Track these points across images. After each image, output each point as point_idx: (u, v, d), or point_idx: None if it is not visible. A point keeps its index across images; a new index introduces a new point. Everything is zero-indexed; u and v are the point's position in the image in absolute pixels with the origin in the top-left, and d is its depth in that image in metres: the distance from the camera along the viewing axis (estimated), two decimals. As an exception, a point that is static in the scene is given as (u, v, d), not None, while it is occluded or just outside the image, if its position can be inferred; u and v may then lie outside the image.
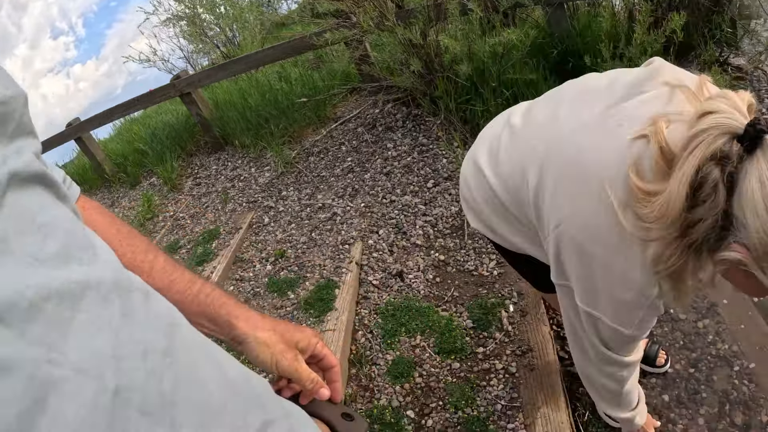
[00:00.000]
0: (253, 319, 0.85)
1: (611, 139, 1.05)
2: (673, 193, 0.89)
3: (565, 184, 1.14)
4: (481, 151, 1.49)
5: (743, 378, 2.16)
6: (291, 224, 3.81)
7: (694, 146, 0.87)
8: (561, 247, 1.18)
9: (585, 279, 1.17)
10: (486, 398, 2.23)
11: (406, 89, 4.21)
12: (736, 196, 0.86)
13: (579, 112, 1.17)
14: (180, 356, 0.48)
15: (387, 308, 2.75)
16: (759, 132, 0.83)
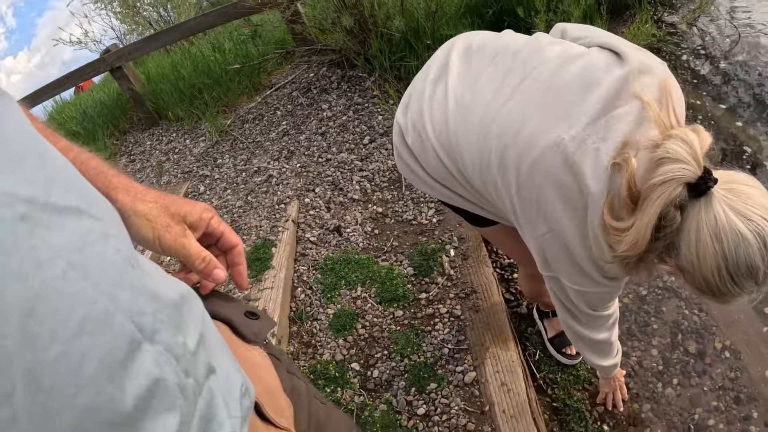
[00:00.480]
0: (134, 190, 0.73)
1: (593, 164, 1.15)
2: (641, 232, 1.07)
3: (553, 205, 1.23)
4: (428, 126, 1.46)
5: (693, 308, 2.20)
6: (227, 190, 3.72)
7: (656, 196, 1.04)
8: (547, 250, 1.32)
9: (573, 273, 1.31)
10: (432, 343, 2.22)
11: (341, 50, 4.15)
12: (679, 229, 1.07)
13: (552, 124, 1.21)
14: None
15: (326, 263, 2.71)
16: (707, 186, 1.02)
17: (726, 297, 1.09)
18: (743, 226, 1.00)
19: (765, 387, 1.96)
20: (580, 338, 1.58)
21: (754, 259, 1.01)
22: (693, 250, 1.05)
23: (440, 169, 1.47)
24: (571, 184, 1.17)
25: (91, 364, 0.38)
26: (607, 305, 1.47)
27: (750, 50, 3.56)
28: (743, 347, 2.08)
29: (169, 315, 0.49)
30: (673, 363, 2.08)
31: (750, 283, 1.04)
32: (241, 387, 0.62)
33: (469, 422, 1.95)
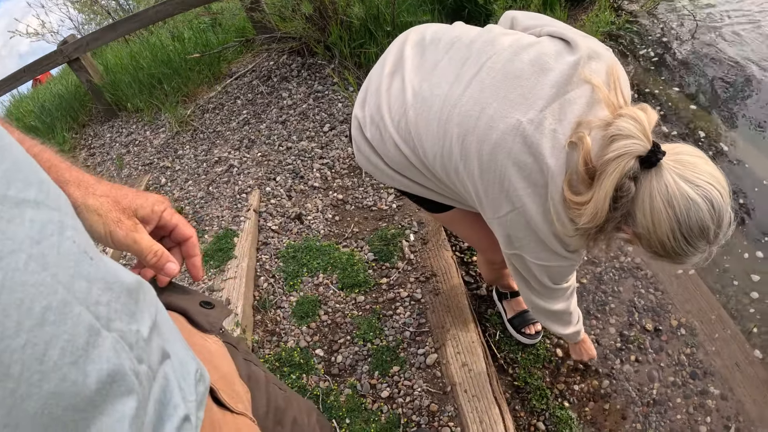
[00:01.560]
0: (86, 184, 0.73)
1: (551, 144, 1.21)
2: (599, 204, 1.14)
3: (515, 183, 1.27)
4: (386, 118, 1.48)
5: (649, 287, 2.25)
6: (188, 181, 3.67)
7: (612, 170, 1.12)
8: (511, 229, 1.36)
9: (536, 248, 1.37)
10: (394, 327, 2.23)
11: (301, 38, 4.12)
12: (634, 198, 1.15)
13: (510, 109, 1.25)
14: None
15: (288, 251, 2.70)
16: (657, 158, 1.10)
17: (681, 257, 1.17)
18: (692, 191, 1.09)
19: (720, 362, 2.02)
20: (541, 311, 1.64)
21: (705, 220, 1.10)
22: (648, 216, 1.14)
23: (400, 159, 1.49)
24: (532, 164, 1.23)
25: (54, 352, 0.39)
26: (567, 278, 1.53)
27: (707, 37, 3.63)
28: (698, 324, 2.14)
29: (123, 304, 0.50)
30: (630, 340, 2.13)
31: (702, 242, 1.14)
32: (196, 372, 0.63)
33: (432, 403, 1.97)
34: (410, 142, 1.44)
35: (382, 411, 1.99)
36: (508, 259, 1.50)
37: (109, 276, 0.49)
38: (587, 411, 1.97)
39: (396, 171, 1.55)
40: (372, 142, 1.53)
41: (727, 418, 1.88)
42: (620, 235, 1.26)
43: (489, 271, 2.09)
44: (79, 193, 0.71)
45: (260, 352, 2.28)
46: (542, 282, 1.48)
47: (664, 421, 1.91)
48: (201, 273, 0.86)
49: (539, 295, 1.57)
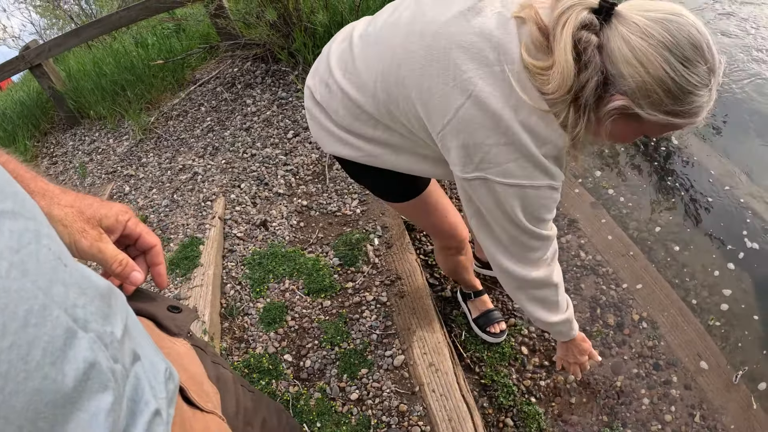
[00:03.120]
0: (50, 194, 0.74)
1: (497, 20, 1.15)
2: (562, 62, 1.06)
3: (462, 66, 1.16)
4: (335, 72, 1.46)
5: (610, 283, 2.29)
6: (152, 189, 3.63)
7: (564, 21, 1.06)
8: (469, 127, 1.19)
9: (504, 153, 1.18)
10: (360, 330, 2.24)
11: (265, 45, 4.11)
12: (607, 57, 1.07)
13: (448, 7, 1.22)
14: None
15: (253, 258, 2.69)
16: (611, 5, 1.06)
17: (690, 97, 1.05)
18: (662, 14, 1.03)
19: (682, 352, 2.07)
20: (516, 280, 1.44)
21: (690, 32, 1.02)
22: (633, 60, 1.04)
23: (349, 110, 1.43)
24: (478, 42, 1.15)
25: (37, 352, 0.41)
26: (546, 214, 1.32)
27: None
28: (659, 317, 2.19)
29: (97, 307, 0.52)
30: (593, 335, 2.17)
31: (701, 64, 1.03)
32: (165, 371, 0.64)
33: (401, 403, 1.98)
34: (354, 80, 1.39)
35: (352, 413, 2.00)
36: (469, 195, 1.31)
37: (83, 281, 0.51)
38: (554, 406, 2.01)
39: (347, 130, 1.47)
40: (321, 102, 1.49)
41: (691, 407, 1.93)
42: (613, 105, 1.10)
43: (445, 260, 2.03)
44: (44, 204, 0.72)
45: (229, 360, 2.27)
46: (515, 221, 1.28)
47: (630, 412, 1.95)
48: (166, 281, 0.87)
49: (511, 253, 1.38)
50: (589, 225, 2.59)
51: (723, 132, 2.96)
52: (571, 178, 2.86)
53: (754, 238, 2.41)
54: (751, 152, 2.81)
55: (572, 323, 1.65)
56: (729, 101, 3.10)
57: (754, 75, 3.26)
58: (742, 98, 3.11)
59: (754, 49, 3.48)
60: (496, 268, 1.45)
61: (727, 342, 2.11)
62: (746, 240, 2.41)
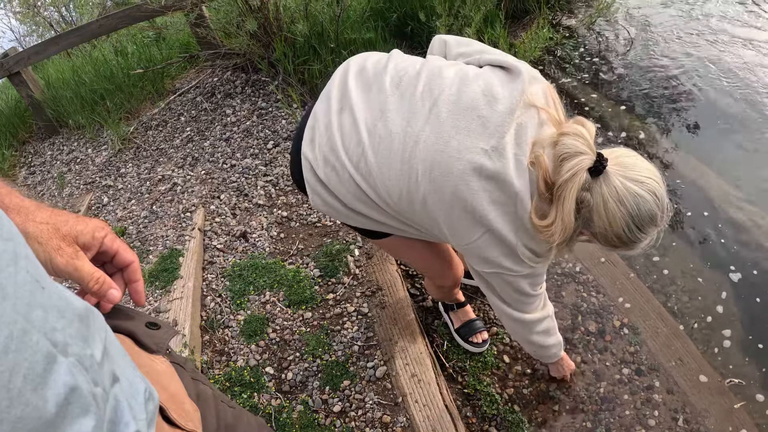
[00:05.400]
0: (26, 210, 0.73)
1: (515, 167, 1.33)
2: (566, 220, 1.29)
3: (485, 209, 1.36)
4: (344, 160, 1.48)
5: (590, 291, 2.30)
6: (131, 200, 3.59)
7: (569, 188, 1.27)
8: (485, 250, 1.44)
9: (511, 261, 1.45)
10: (342, 342, 2.23)
11: (245, 54, 4.10)
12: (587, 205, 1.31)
13: (473, 140, 1.35)
14: None
15: (233, 270, 2.67)
16: (603, 167, 1.26)
17: (635, 244, 1.34)
18: (638, 188, 1.27)
19: (663, 357, 2.08)
20: (522, 324, 1.69)
21: (653, 209, 1.28)
22: (604, 218, 1.29)
23: (360, 198, 1.51)
24: (499, 189, 1.34)
25: (18, 379, 0.40)
26: (543, 281, 1.64)
27: (643, 51, 3.76)
28: (640, 323, 2.20)
29: (77, 329, 0.51)
30: (575, 342, 2.18)
31: (652, 228, 1.31)
32: (145, 392, 0.64)
33: (384, 414, 1.97)
34: (372, 183, 1.46)
35: (335, 425, 1.99)
36: (485, 279, 1.57)
37: (61, 303, 0.50)
38: (537, 413, 2.01)
39: (354, 211, 1.57)
40: (328, 183, 1.53)
41: (674, 411, 1.95)
42: (581, 237, 1.42)
43: (438, 293, 2.15)
44: (19, 220, 0.71)
45: (210, 373, 2.24)
46: (523, 290, 1.56)
47: (614, 418, 1.96)
48: (144, 298, 0.86)
49: (516, 308, 1.64)
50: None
51: (698, 137, 2.99)
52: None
53: (733, 243, 2.43)
54: (724, 152, 2.84)
55: (561, 344, 1.89)
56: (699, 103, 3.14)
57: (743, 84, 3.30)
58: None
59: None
60: (506, 319, 1.70)
61: (708, 346, 2.12)
62: (725, 246, 2.43)
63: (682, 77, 3.42)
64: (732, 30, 3.75)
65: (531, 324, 1.69)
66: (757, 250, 2.37)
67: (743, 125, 2.98)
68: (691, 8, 4.12)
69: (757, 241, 2.41)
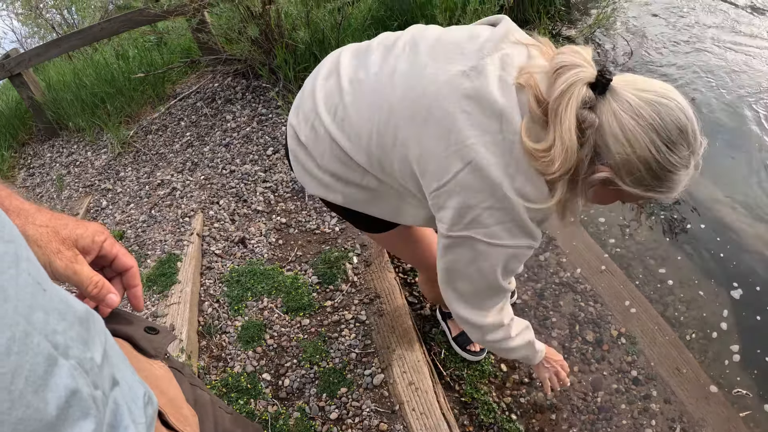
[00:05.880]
0: (25, 213, 0.73)
1: (499, 84, 1.15)
2: (567, 143, 1.07)
3: (464, 132, 1.16)
4: (323, 116, 1.40)
5: (588, 300, 2.30)
6: (129, 204, 3.59)
7: (567, 100, 1.07)
8: (464, 192, 1.19)
9: (494, 217, 1.20)
10: (340, 349, 2.23)
11: (246, 60, 4.11)
12: (597, 130, 1.09)
13: (449, 63, 1.21)
14: None
15: (231, 275, 2.67)
16: (607, 80, 1.08)
17: (670, 175, 1.11)
18: (653, 96, 1.07)
19: (661, 367, 2.08)
20: (473, 326, 1.46)
21: (678, 116, 1.06)
22: (621, 137, 1.07)
23: (337, 157, 1.39)
24: (481, 108, 1.15)
25: (20, 381, 0.40)
26: (518, 270, 1.48)
27: (641, 62, 3.78)
28: (638, 333, 2.20)
29: (78, 333, 0.52)
30: (572, 352, 2.18)
31: (684, 148, 1.08)
32: (144, 396, 0.64)
33: (381, 422, 1.97)
34: (347, 130, 1.35)
35: (331, 433, 1.99)
36: (447, 250, 1.31)
37: (62, 305, 0.51)
38: (534, 423, 2.01)
39: (331, 173, 1.43)
40: (306, 145, 1.45)
41: (671, 420, 1.95)
42: (597, 177, 1.14)
43: (431, 290, 2.06)
44: (19, 222, 0.71)
45: (206, 378, 2.24)
46: (489, 275, 1.30)
47: (611, 428, 1.96)
48: (142, 303, 0.86)
49: (472, 301, 1.41)
50: (567, 242, 2.60)
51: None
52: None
53: (731, 252, 2.44)
54: (723, 163, 2.85)
55: (531, 344, 1.65)
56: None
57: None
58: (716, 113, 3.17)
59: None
60: (456, 316, 1.48)
61: (706, 355, 2.13)
62: (722, 255, 2.43)
63: (682, 88, 3.43)
64: (730, 37, 3.77)
65: (484, 329, 1.46)
66: (757, 261, 2.39)
67: (743, 136, 3.00)
68: (681, 18, 4.16)
69: (758, 251, 2.42)
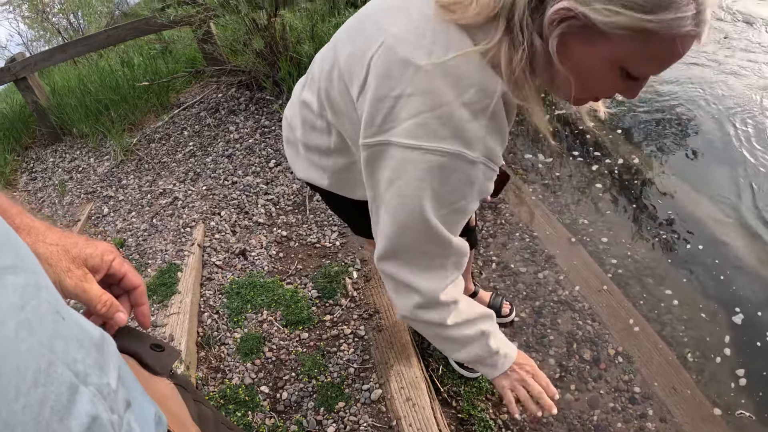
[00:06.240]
0: (36, 231, 0.73)
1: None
2: None
3: (380, 21, 1.01)
4: (298, 89, 1.40)
5: (586, 318, 2.30)
6: (131, 212, 3.61)
7: None
8: (378, 77, 0.98)
9: (416, 111, 0.93)
10: (338, 363, 2.24)
11: (250, 72, 4.14)
12: None
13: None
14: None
15: (231, 287, 2.68)
16: None
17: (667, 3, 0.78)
18: None
19: (658, 386, 2.09)
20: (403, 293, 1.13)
21: None
22: None
23: (305, 118, 1.31)
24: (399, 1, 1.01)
25: (46, 411, 0.41)
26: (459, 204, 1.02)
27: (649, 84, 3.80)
28: (635, 352, 2.21)
29: (95, 359, 0.52)
30: (570, 370, 2.18)
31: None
32: (155, 416, 0.65)
33: (377, 438, 1.98)
34: (314, 86, 1.25)
35: (328, 446, 1.99)
36: (366, 176, 1.07)
37: (79, 332, 0.52)
38: (531, 441, 2.01)
39: (306, 145, 1.35)
40: (289, 118, 1.42)
41: (668, 439, 1.95)
42: (554, 9, 0.83)
43: None
44: (30, 240, 0.71)
45: (204, 389, 2.25)
46: (411, 204, 0.99)
47: (607, 447, 1.96)
48: (149, 321, 0.88)
49: (395, 251, 1.08)
50: (565, 261, 2.61)
51: (699, 163, 3.02)
52: (549, 214, 2.89)
53: (729, 272, 2.45)
54: (723, 182, 2.87)
55: (488, 342, 1.23)
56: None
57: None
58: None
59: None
60: (380, 271, 1.16)
61: (702, 375, 2.13)
62: (721, 275, 2.44)
63: (684, 106, 3.46)
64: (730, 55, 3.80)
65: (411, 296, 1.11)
66: (756, 281, 2.40)
67: (744, 155, 3.01)
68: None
69: (757, 273, 2.43)
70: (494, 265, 2.66)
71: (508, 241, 2.77)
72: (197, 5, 3.84)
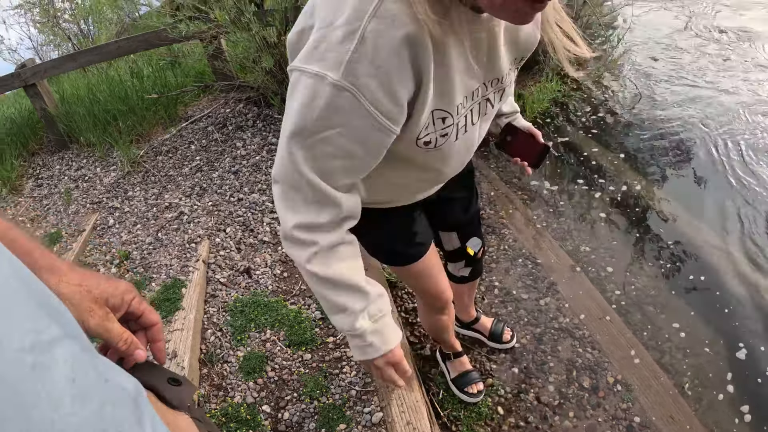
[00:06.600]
0: (59, 271, 0.76)
1: None
2: None
3: None
4: None
5: (586, 346, 2.32)
6: (136, 225, 3.63)
7: None
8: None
9: (317, 23, 0.91)
10: (340, 386, 2.25)
11: (259, 88, 4.16)
12: None
13: None
14: None
15: (235, 305, 2.69)
16: None
17: None
18: None
19: (655, 415, 2.10)
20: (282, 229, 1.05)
21: None
22: None
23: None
24: None
25: None
26: (323, 155, 0.95)
27: (648, 104, 3.84)
28: (634, 380, 2.22)
29: (132, 412, 0.54)
30: (569, 397, 2.20)
31: None
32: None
33: (377, 460, 1.99)
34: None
35: (328, 469, 2.01)
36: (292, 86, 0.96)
37: (118, 391, 0.54)
38: (529, 466, 2.02)
39: None
40: None
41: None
42: None
43: (428, 318, 2.02)
44: (53, 281, 0.74)
45: (206, 407, 2.26)
46: (284, 131, 0.96)
47: (604, 474, 1.97)
48: (165, 357, 0.91)
49: (275, 176, 1.03)
50: (568, 288, 2.63)
51: (702, 191, 3.05)
52: (551, 240, 2.92)
53: (731, 299, 2.46)
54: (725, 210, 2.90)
55: (354, 317, 1.09)
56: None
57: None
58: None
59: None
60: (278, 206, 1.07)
61: (700, 404, 2.14)
62: (722, 301, 2.46)
63: (687, 131, 3.49)
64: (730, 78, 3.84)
65: (283, 223, 1.04)
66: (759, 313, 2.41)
67: (749, 183, 3.04)
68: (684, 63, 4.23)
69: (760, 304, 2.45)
70: (496, 290, 2.68)
71: (511, 267, 2.80)
72: (209, 21, 3.89)
